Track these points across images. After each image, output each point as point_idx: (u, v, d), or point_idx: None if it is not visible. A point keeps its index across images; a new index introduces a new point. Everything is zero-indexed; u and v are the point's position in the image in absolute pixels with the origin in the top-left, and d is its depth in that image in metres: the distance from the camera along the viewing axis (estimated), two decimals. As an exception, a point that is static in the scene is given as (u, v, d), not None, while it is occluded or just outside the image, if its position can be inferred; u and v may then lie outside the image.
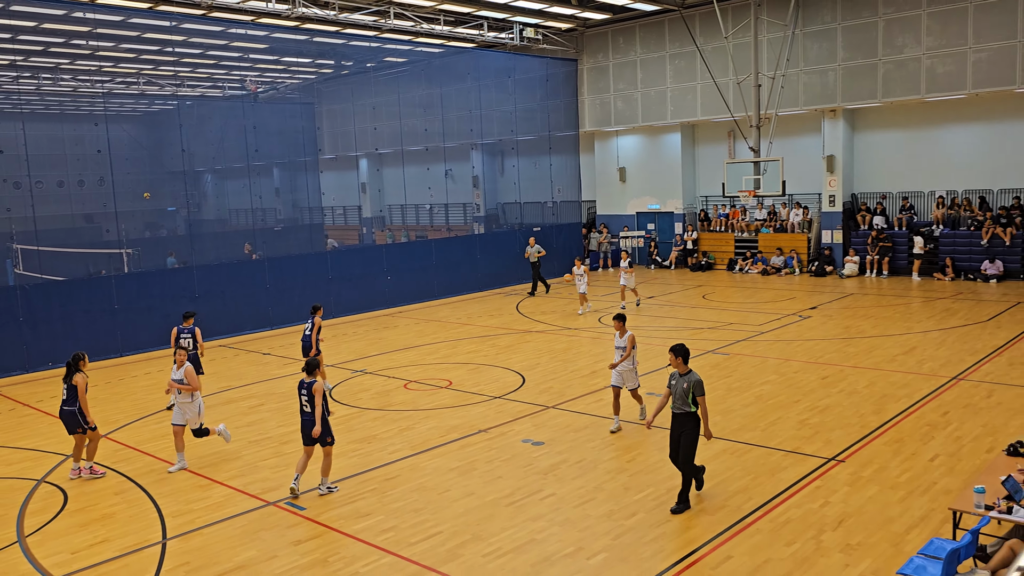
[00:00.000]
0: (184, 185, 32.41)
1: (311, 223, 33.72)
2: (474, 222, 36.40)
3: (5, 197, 31.04)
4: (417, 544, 8.51)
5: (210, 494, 10.22)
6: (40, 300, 18.30)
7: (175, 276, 21.30)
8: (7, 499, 10.32)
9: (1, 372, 17.45)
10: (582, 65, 32.38)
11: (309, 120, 34.88)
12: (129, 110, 39.83)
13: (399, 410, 13.61)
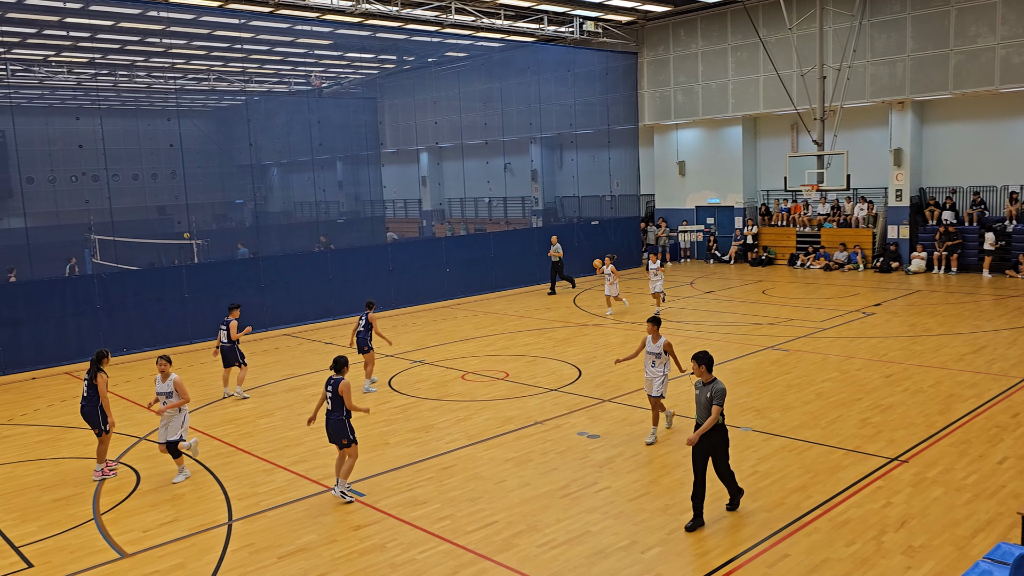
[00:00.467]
0: (251, 178, 33.23)
1: (372, 216, 34.26)
2: (532, 215, 36.48)
3: (84, 189, 32.33)
4: (473, 533, 8.66)
5: (274, 478, 10.55)
6: (116, 288, 19.05)
7: (242, 266, 21.91)
8: (84, 478, 10.83)
9: (79, 357, 18.22)
10: (642, 58, 32.13)
11: (371, 115, 35.42)
12: (200, 106, 41.00)
13: (456, 400, 13.80)
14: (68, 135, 32.55)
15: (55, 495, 10.27)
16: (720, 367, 15.19)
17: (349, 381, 9.68)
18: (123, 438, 12.54)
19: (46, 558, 8.49)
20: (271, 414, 13.54)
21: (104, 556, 8.48)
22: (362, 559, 8.17)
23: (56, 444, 12.44)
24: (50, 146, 33.71)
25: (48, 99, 35.41)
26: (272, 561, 8.20)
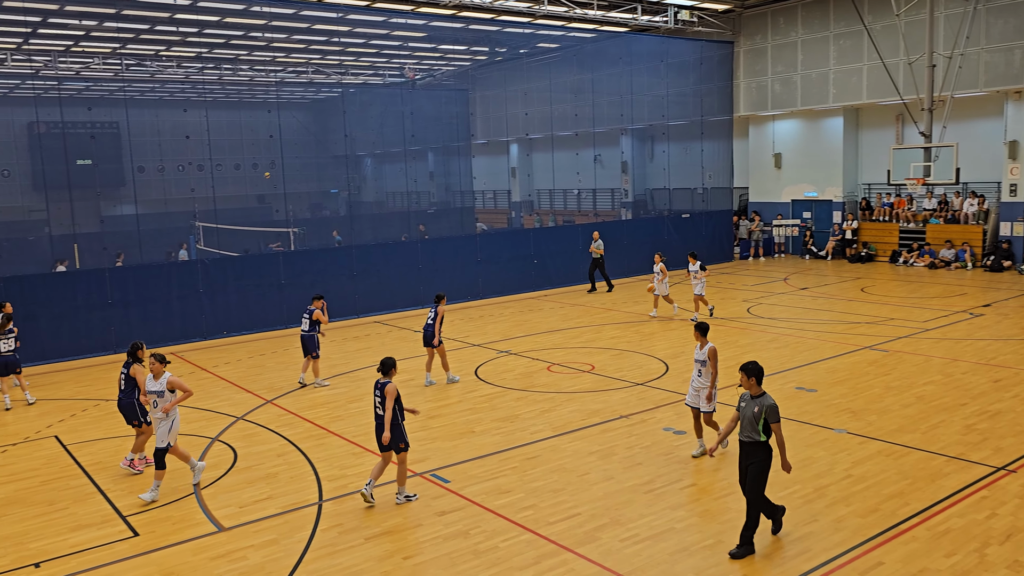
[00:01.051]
0: (346, 169, 34.09)
1: (462, 206, 34.62)
2: (621, 208, 36.16)
3: (190, 178, 33.82)
4: (556, 524, 8.67)
5: (362, 461, 10.82)
6: (217, 273, 19.86)
7: (336, 254, 22.50)
8: (186, 454, 11.34)
9: (183, 338, 19.11)
10: (738, 48, 31.33)
11: (463, 106, 35.75)
12: (298, 98, 42.26)
13: (541, 391, 13.83)
14: (176, 126, 34.11)
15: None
16: (814, 366, 14.74)
17: (396, 385, 9.25)
18: (221, 417, 13.08)
19: (150, 528, 8.95)
20: (360, 399, 13.87)
21: (203, 529, 8.88)
22: (446, 544, 8.30)
23: (161, 420, 13.05)
24: (159, 137, 35.39)
25: (158, 92, 37.14)
26: (359, 542, 8.42)
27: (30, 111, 31.72)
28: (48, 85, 31.34)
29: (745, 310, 20.54)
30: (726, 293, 23.38)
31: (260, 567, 7.94)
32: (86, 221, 28.18)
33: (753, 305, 21.02)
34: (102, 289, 18.28)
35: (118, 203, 33.63)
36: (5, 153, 34.08)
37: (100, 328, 18.13)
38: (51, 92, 31.51)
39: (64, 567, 8.11)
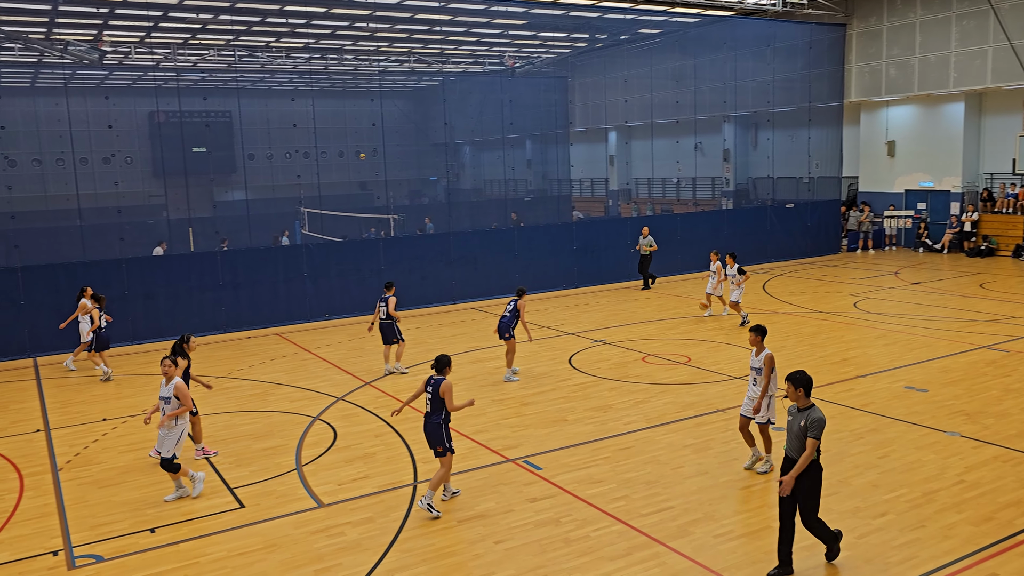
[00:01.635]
0: (445, 156, 34.53)
1: (559, 194, 34.56)
2: (722, 197, 35.31)
3: (296, 166, 34.98)
4: (648, 516, 8.59)
5: (456, 445, 10.94)
6: (321, 258, 20.50)
7: (434, 241, 22.85)
8: (289, 432, 11.79)
9: (287, 320, 19.83)
10: (851, 30, 30.00)
11: (562, 93, 35.61)
12: (400, 87, 43.03)
13: (636, 382, 13.69)
14: (284, 115, 35.28)
15: (264, 444, 11.26)
16: (926, 365, 14.05)
17: (451, 383, 8.92)
18: (322, 397, 13.51)
19: (255, 501, 9.35)
20: (455, 384, 14.04)
21: (304, 504, 9.21)
22: (537, 531, 8.34)
23: (266, 398, 13.61)
24: (268, 125, 36.71)
25: (268, 82, 38.50)
26: (452, 524, 8.55)
27: (151, 101, 33.43)
28: (167, 76, 32.95)
29: (851, 304, 19.75)
30: (831, 287, 22.55)
31: (357, 543, 8.18)
32: (200, 206, 29.53)
33: (860, 300, 20.19)
34: (214, 271, 19.15)
35: (229, 189, 35.12)
36: (128, 141, 36.03)
37: (212, 308, 19.01)
38: (170, 83, 33.12)
39: (176, 533, 8.56)
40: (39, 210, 30.18)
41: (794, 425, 7.30)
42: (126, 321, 18.10)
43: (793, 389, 7.33)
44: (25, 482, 10.20)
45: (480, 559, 7.81)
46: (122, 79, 36.12)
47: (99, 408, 13.27)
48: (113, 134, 32.78)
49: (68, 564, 7.98)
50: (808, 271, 25.54)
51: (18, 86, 34.82)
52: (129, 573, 7.75)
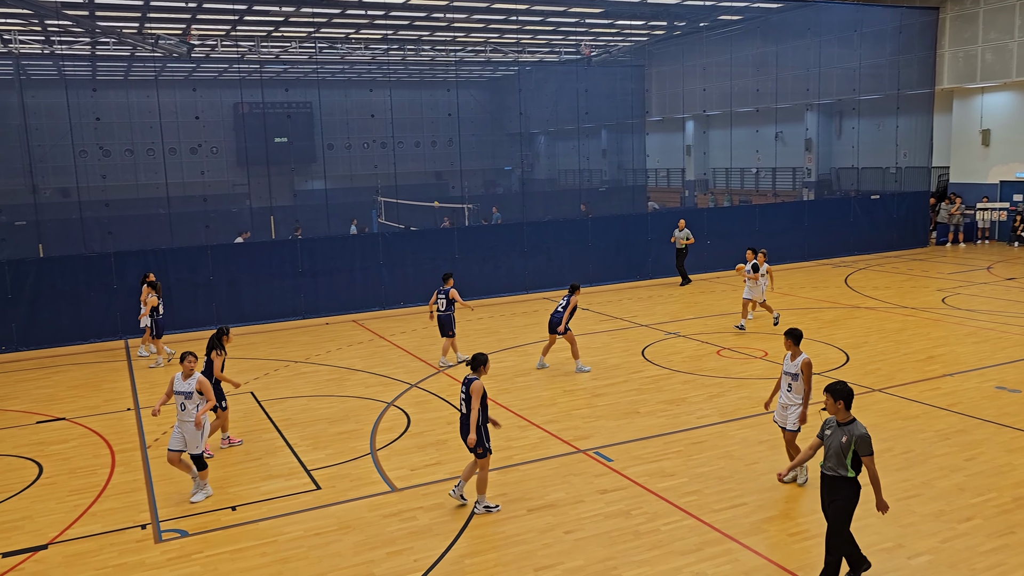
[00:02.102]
0: (519, 146, 34.53)
1: (634, 184, 34.20)
2: (803, 187, 34.34)
3: (374, 155, 35.54)
4: (721, 512, 8.46)
5: (527, 435, 11.02)
6: (396, 246, 20.80)
7: (508, 231, 22.90)
8: (364, 417, 12.03)
9: (363, 307, 20.21)
10: (944, 13, 28.70)
11: (638, 82, 35.17)
12: (476, 76, 43.21)
13: (710, 376, 13.48)
14: (362, 106, 35.89)
15: (340, 428, 11.52)
16: (1019, 364, 13.42)
17: (483, 384, 8.58)
18: (396, 383, 13.74)
19: (331, 483, 9.58)
20: (527, 373, 14.11)
21: (377, 488, 9.40)
22: (607, 522, 8.31)
23: (343, 383, 13.92)
24: (347, 116, 37.39)
25: (347, 73, 39.18)
26: (522, 513, 8.60)
27: (235, 93, 34.45)
28: (251, 68, 33.86)
29: (939, 300, 18.98)
30: (918, 281, 21.71)
31: (428, 528, 8.30)
32: (281, 195, 30.29)
33: (949, 295, 19.39)
34: (293, 259, 19.65)
35: (309, 178, 35.94)
36: (214, 131, 37.24)
37: (292, 295, 19.53)
38: (254, 75, 34.03)
39: (256, 512, 8.85)
40: (131, 198, 31.48)
41: (834, 441, 6.74)
42: (210, 306, 18.77)
43: (832, 402, 6.78)
44: (116, 458, 10.70)
45: (549, 548, 7.83)
46: (209, 71, 37.31)
47: (185, 389, 13.78)
48: (200, 125, 33.95)
49: (155, 538, 8.34)
50: (893, 265, 24.65)
51: (113, 79, 36.34)
52: (211, 548, 8.05)
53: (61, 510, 9.09)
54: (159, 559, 7.88)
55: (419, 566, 7.58)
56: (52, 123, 29.15)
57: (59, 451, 11.02)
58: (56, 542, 8.31)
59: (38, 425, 12.21)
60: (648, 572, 7.36)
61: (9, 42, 27.47)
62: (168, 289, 18.21)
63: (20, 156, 25.92)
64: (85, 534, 8.47)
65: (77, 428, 12.00)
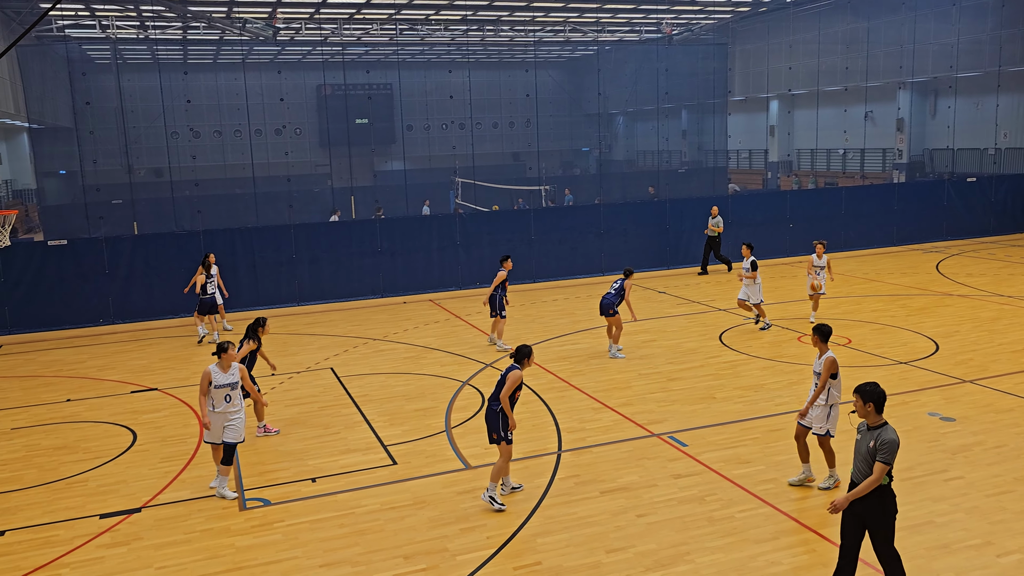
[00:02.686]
0: (597, 127, 34.27)
1: (714, 166, 33.58)
2: (894, 170, 33.05)
3: (452, 136, 35.82)
4: (797, 501, 8.28)
5: (601, 417, 11.00)
6: (472, 227, 20.94)
7: (584, 212, 22.78)
8: (440, 395, 12.21)
9: (440, 287, 20.45)
10: (1053, -16, 27.08)
11: (721, 61, 34.43)
12: (555, 57, 42.96)
13: (789, 362, 13.17)
14: (441, 87, 36.18)
15: (416, 405, 11.72)
16: (1125, 358, 12.66)
17: (521, 375, 8.31)
18: (471, 363, 13.88)
19: (407, 459, 9.78)
20: (601, 356, 14.06)
21: (452, 465, 9.54)
22: (680, 507, 8.24)
23: (419, 361, 14.14)
24: (426, 97, 37.77)
25: (427, 54, 39.50)
26: (595, 494, 8.60)
27: (318, 75, 35.15)
28: (334, 51, 34.49)
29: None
30: (1016, 268, 20.68)
31: (501, 506, 8.39)
32: (362, 175, 30.81)
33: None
34: (373, 238, 20.01)
35: (389, 159, 36.48)
36: (298, 113, 38.15)
37: (371, 273, 19.90)
38: (336, 57, 34.65)
39: (334, 484, 9.11)
40: (218, 178, 32.58)
41: (862, 446, 6.25)
42: (293, 284, 19.30)
43: (862, 404, 6.24)
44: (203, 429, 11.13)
45: (621, 531, 7.82)
46: (293, 54, 38.18)
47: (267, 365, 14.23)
48: (284, 107, 34.79)
49: (240, 505, 8.67)
50: (989, 251, 23.52)
51: (202, 63, 37.54)
52: (292, 518, 8.33)
53: (153, 476, 9.54)
54: (243, 526, 8.20)
55: (491, 543, 7.68)
56: (146, 106, 30.36)
57: (152, 420, 11.56)
58: (148, 506, 8.73)
59: (132, 395, 12.82)
60: (722, 559, 7.28)
61: (107, 28, 28.65)
62: (253, 267, 18.81)
63: (117, 138, 27.10)
64: (175, 499, 8.87)
65: (168, 399, 12.55)
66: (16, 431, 11.31)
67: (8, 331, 17.34)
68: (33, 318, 17.53)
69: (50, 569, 7.48)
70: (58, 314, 17.71)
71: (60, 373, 14.34)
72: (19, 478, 9.63)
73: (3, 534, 8.20)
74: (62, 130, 29.31)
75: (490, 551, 7.53)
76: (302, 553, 7.62)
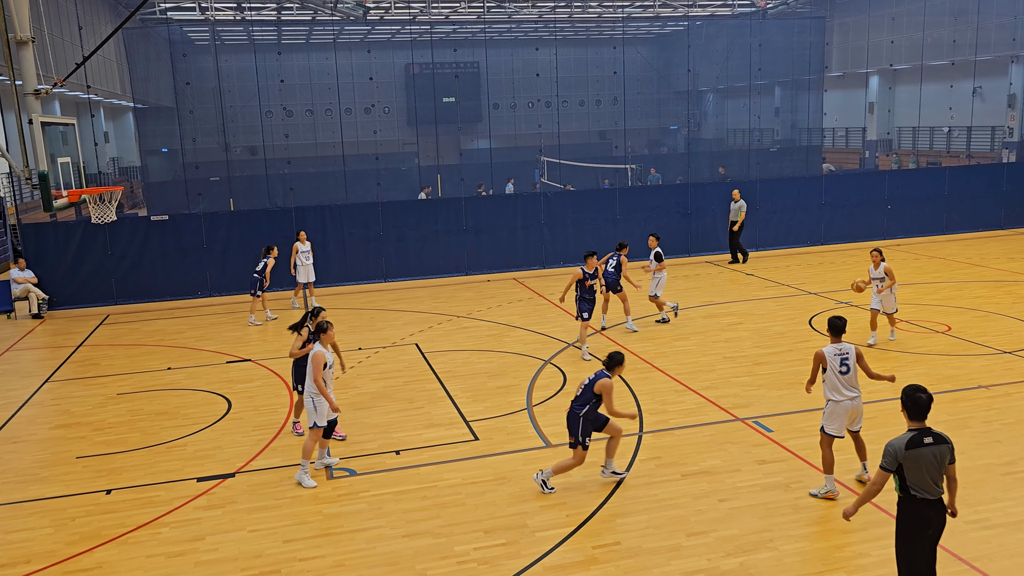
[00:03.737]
0: (687, 105, 33.55)
1: (808, 145, 32.48)
2: (1004, 149, 31.26)
3: (538, 115, 35.70)
4: (889, 492, 7.97)
5: (684, 399, 10.86)
6: (557, 207, 20.87)
7: (671, 192, 22.39)
8: (522, 373, 12.28)
9: (524, 266, 20.51)
10: None
11: (818, 35, 33.12)
12: (644, 33, 42.20)
13: (884, 349, 12.69)
14: (528, 65, 36.02)
15: (499, 382, 11.83)
16: None
17: (613, 384, 8.12)
18: (554, 342, 13.89)
19: (488, 435, 9.89)
20: (687, 338, 13.86)
21: (532, 442, 9.60)
22: (764, 493, 8.08)
23: (502, 339, 14.24)
24: (513, 75, 37.68)
25: (514, 32, 39.38)
26: (676, 477, 8.52)
27: (407, 54, 35.50)
28: (422, 30, 34.76)
29: None
30: None
31: (581, 485, 8.40)
32: (448, 154, 31.06)
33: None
34: (458, 216, 20.18)
35: (475, 138, 36.64)
36: (387, 92, 38.65)
37: (456, 251, 20.11)
38: (424, 36, 34.93)
39: (418, 457, 9.30)
40: (310, 156, 33.39)
41: (926, 458, 5.71)
42: (380, 260, 19.68)
43: (902, 407, 5.86)
44: (294, 399, 11.50)
45: (702, 515, 7.73)
46: (382, 33, 38.65)
47: (355, 339, 14.60)
48: (373, 86, 35.35)
49: (327, 474, 8.95)
50: (1108, 236, 22.06)
51: (295, 43, 38.44)
52: (377, 488, 8.55)
53: (246, 443, 9.95)
54: (330, 494, 8.47)
55: (570, 521, 7.71)
56: (242, 85, 31.30)
57: (245, 389, 12.03)
58: (242, 471, 9.11)
59: (227, 365, 13.36)
60: (806, 548, 7.12)
61: (206, 10, 29.63)
62: (342, 243, 19.26)
63: (215, 117, 28.06)
64: (267, 466, 9.23)
65: (261, 369, 13.02)
66: (121, 396, 11.95)
67: (115, 302, 18.30)
68: (137, 289, 18.44)
69: (152, 527, 7.90)
70: (160, 286, 18.58)
71: (162, 342, 15.06)
72: (124, 441, 10.19)
73: (110, 493, 8.70)
74: (164, 110, 30.55)
75: (569, 529, 7.57)
76: (385, 523, 7.82)
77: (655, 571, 6.85)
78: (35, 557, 7.43)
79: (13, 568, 7.26)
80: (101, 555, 7.43)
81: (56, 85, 13.07)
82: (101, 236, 18.03)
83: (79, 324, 16.73)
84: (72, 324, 16.78)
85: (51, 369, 13.53)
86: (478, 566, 7.03)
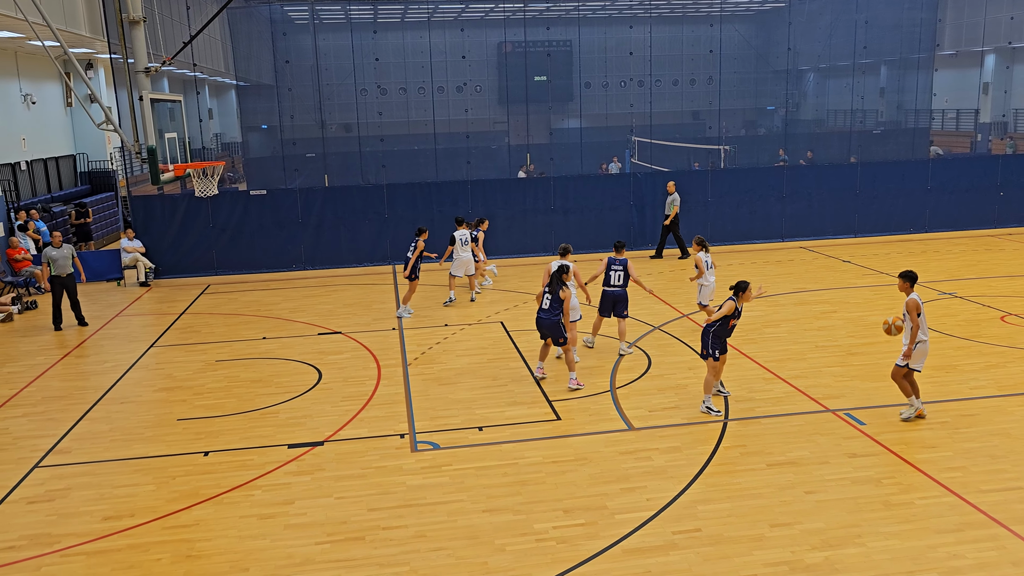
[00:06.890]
0: (785, 84, 32.48)
1: (915, 127, 30.94)
2: None
3: (630, 94, 35.19)
4: (989, 493, 7.64)
5: (772, 388, 10.61)
6: (648, 188, 20.57)
7: (766, 175, 21.73)
8: (605, 355, 12.23)
9: (610, 248, 20.27)
10: None
11: (930, 11, 31.40)
12: (742, 10, 40.92)
13: (989, 343, 12.07)
14: (621, 43, 35.47)
15: (582, 363, 11.79)
16: None
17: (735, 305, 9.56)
18: (640, 325, 13.76)
19: (571, 416, 9.90)
20: (777, 324, 13.51)
21: (615, 425, 9.57)
22: (853, 488, 7.84)
23: (587, 321, 14.12)
24: (605, 54, 37.20)
25: (608, 9, 38.81)
26: (761, 467, 8.35)
27: (499, 32, 35.47)
28: (515, 8, 34.64)
29: None
30: None
31: (662, 470, 8.34)
32: (538, 133, 30.98)
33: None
34: (547, 196, 20.14)
35: (565, 117, 36.39)
36: (479, 70, 38.77)
37: (543, 231, 20.09)
38: (517, 14, 34.81)
39: (500, 434, 9.40)
40: (402, 134, 33.88)
41: None
42: (468, 238, 19.83)
43: None
44: (382, 372, 11.80)
45: (787, 506, 7.56)
46: (476, 11, 38.71)
47: (442, 315, 14.81)
48: (466, 64, 35.49)
49: (411, 447, 9.15)
50: None
51: (390, 21, 38.93)
52: (459, 463, 8.69)
53: (335, 413, 10.25)
54: (414, 466, 8.66)
55: (651, 505, 7.66)
56: (339, 64, 31.98)
57: (335, 361, 12.38)
58: (330, 440, 9.40)
59: (319, 336, 13.78)
60: (897, 546, 6.87)
61: (306, -11, 30.29)
62: (431, 221, 19.47)
63: (312, 95, 28.76)
64: (353, 436, 9.50)
65: (350, 342, 13.38)
66: (219, 363, 12.49)
67: (215, 272, 19.08)
68: (236, 261, 19.17)
69: (245, 489, 8.26)
70: (257, 258, 19.27)
71: (258, 313, 15.64)
72: (221, 406, 10.65)
73: (207, 454, 9.13)
74: (264, 87, 31.46)
75: (649, 513, 7.52)
76: (467, 497, 7.95)
77: (736, 560, 6.75)
78: (139, 512, 7.88)
79: (119, 520, 7.72)
80: (198, 513, 7.82)
81: (165, 63, 13.63)
82: (204, 209, 18.81)
83: (182, 293, 17.53)
84: (176, 292, 17.59)
85: (156, 335, 14.25)
86: (557, 544, 7.07)
